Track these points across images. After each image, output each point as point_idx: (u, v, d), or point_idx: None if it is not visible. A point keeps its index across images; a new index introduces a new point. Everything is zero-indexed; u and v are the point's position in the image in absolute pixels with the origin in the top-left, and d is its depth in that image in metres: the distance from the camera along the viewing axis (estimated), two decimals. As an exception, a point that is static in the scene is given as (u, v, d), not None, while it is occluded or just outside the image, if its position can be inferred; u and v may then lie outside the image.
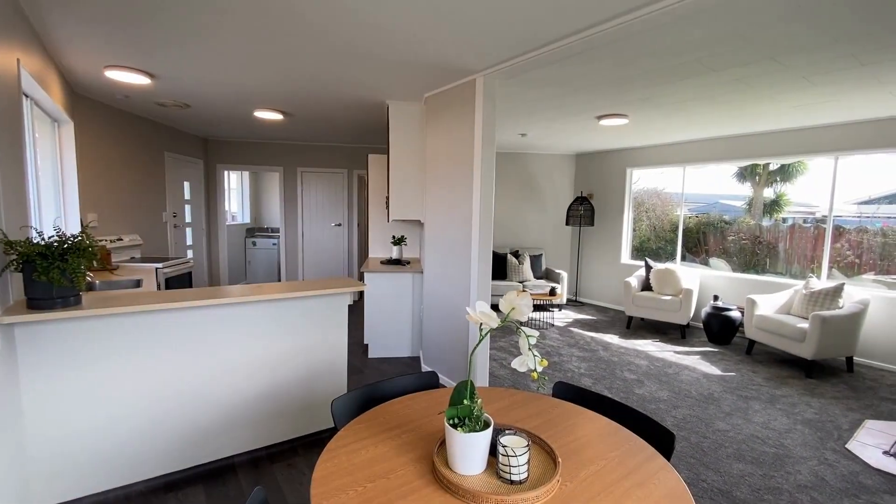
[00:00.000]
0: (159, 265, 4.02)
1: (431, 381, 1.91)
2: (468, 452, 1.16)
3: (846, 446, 2.87)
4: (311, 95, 3.95)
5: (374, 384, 1.77)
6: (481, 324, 1.17)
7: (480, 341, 1.21)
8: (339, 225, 7.02)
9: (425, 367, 4.07)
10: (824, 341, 3.94)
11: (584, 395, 1.79)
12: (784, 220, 5.80)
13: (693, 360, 4.47)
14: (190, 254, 6.07)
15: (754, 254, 5.75)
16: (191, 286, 4.72)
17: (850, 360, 4.22)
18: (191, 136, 6.10)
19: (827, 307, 4.22)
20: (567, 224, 7.11)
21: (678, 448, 2.81)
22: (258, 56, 2.95)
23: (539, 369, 1.18)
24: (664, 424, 3.10)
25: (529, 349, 1.18)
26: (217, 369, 2.49)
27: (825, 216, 4.85)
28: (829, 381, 3.97)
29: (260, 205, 8.74)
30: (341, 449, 1.35)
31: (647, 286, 5.71)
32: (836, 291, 4.25)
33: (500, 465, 1.18)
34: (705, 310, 5.14)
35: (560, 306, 6.77)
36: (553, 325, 5.77)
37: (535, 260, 6.84)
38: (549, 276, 6.80)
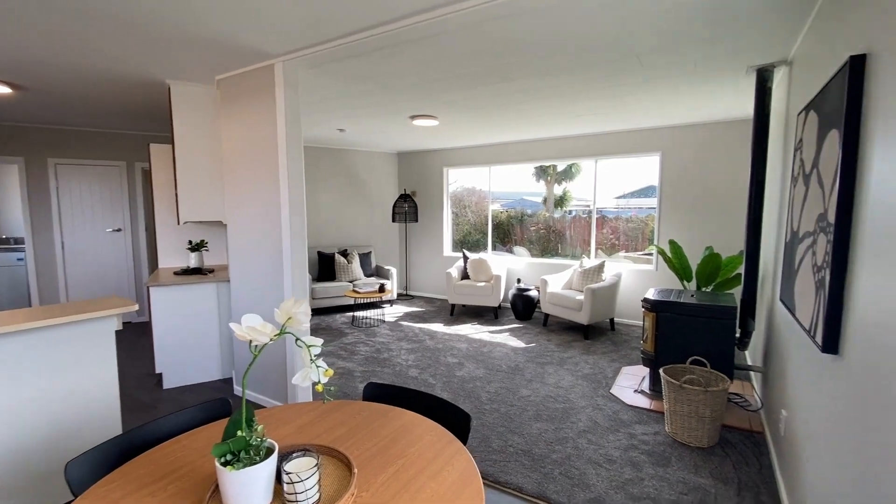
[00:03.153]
0: None
1: (222, 410, 1.64)
2: (244, 491, 1.00)
3: (610, 391, 3.59)
4: (48, 63, 3.04)
5: (137, 428, 1.42)
6: (251, 341, 1.01)
7: (254, 360, 1.06)
8: (119, 230, 5.70)
9: (239, 390, 3.61)
10: (595, 308, 4.88)
11: (394, 392, 1.78)
12: (569, 212, 7.01)
13: (503, 337, 5.04)
14: None
15: (549, 241, 6.80)
16: None
17: (612, 321, 5.34)
18: None
19: (595, 281, 5.24)
20: (394, 221, 7.23)
21: (491, 420, 3.10)
22: (-60, -1, 2.10)
23: (324, 380, 1.09)
24: (480, 400, 3.42)
25: (312, 361, 1.08)
26: None
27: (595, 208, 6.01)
28: (599, 340, 4.94)
29: (-8, 207, 6.50)
30: (72, 527, 1.02)
31: (465, 275, 6.21)
32: (600, 268, 5.30)
33: (285, 495, 1.05)
34: (511, 292, 5.85)
35: (391, 301, 6.86)
36: (384, 321, 5.80)
37: (365, 258, 6.77)
38: (379, 272, 6.81)
